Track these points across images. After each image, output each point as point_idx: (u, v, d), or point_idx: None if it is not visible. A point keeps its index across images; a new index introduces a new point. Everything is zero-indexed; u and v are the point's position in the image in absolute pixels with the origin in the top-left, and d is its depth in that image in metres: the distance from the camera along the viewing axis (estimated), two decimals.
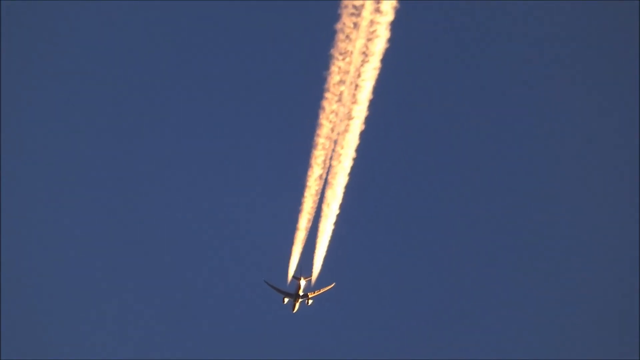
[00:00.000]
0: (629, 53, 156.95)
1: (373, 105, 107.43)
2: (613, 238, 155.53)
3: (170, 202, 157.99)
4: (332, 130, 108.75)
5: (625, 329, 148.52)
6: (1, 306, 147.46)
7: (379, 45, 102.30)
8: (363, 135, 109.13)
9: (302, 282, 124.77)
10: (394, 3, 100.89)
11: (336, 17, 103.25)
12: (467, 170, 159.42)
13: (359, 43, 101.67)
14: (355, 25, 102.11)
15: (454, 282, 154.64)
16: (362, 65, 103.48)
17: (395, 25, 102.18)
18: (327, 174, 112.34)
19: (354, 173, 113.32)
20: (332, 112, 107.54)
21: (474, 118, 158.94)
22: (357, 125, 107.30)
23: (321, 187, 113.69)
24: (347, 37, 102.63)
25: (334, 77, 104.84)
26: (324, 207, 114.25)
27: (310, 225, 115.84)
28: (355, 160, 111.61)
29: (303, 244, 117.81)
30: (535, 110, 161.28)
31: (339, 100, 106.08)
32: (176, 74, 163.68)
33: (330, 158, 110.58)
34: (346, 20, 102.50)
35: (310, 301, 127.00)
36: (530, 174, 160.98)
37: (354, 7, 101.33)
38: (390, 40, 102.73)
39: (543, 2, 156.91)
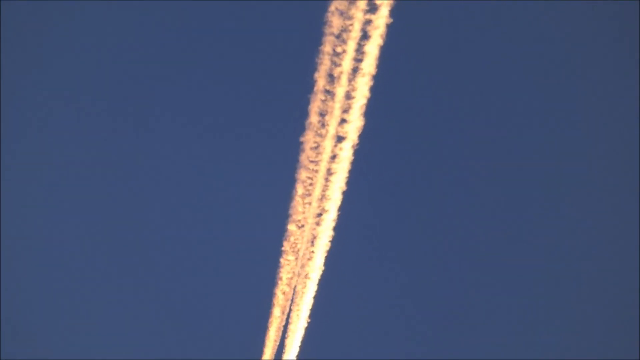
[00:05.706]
0: (629, 53, 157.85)
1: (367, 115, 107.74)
2: (613, 238, 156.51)
3: (167, 210, 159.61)
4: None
5: (625, 329, 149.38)
6: (1, 306, 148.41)
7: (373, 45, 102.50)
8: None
9: None
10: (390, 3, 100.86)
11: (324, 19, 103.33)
12: (461, 171, 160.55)
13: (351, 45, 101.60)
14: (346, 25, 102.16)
15: (450, 281, 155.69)
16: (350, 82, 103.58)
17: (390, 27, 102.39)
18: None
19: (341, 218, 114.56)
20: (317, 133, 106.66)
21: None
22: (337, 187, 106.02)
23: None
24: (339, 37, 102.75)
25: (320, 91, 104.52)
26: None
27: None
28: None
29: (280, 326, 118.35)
30: (535, 112, 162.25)
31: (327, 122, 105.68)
32: (177, 74, 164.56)
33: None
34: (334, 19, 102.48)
35: None
36: (529, 174, 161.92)
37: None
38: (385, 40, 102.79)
39: (543, 2, 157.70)
